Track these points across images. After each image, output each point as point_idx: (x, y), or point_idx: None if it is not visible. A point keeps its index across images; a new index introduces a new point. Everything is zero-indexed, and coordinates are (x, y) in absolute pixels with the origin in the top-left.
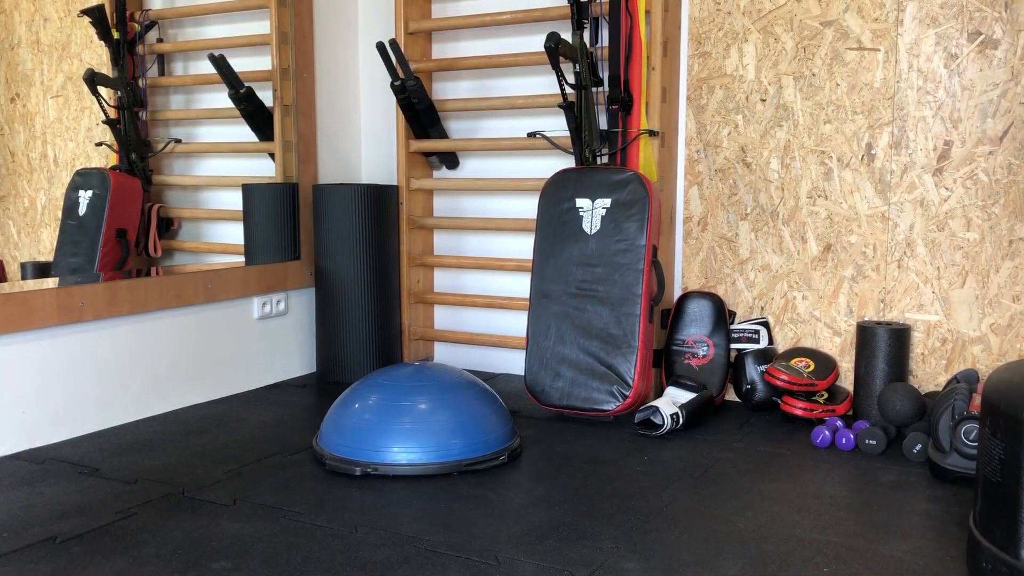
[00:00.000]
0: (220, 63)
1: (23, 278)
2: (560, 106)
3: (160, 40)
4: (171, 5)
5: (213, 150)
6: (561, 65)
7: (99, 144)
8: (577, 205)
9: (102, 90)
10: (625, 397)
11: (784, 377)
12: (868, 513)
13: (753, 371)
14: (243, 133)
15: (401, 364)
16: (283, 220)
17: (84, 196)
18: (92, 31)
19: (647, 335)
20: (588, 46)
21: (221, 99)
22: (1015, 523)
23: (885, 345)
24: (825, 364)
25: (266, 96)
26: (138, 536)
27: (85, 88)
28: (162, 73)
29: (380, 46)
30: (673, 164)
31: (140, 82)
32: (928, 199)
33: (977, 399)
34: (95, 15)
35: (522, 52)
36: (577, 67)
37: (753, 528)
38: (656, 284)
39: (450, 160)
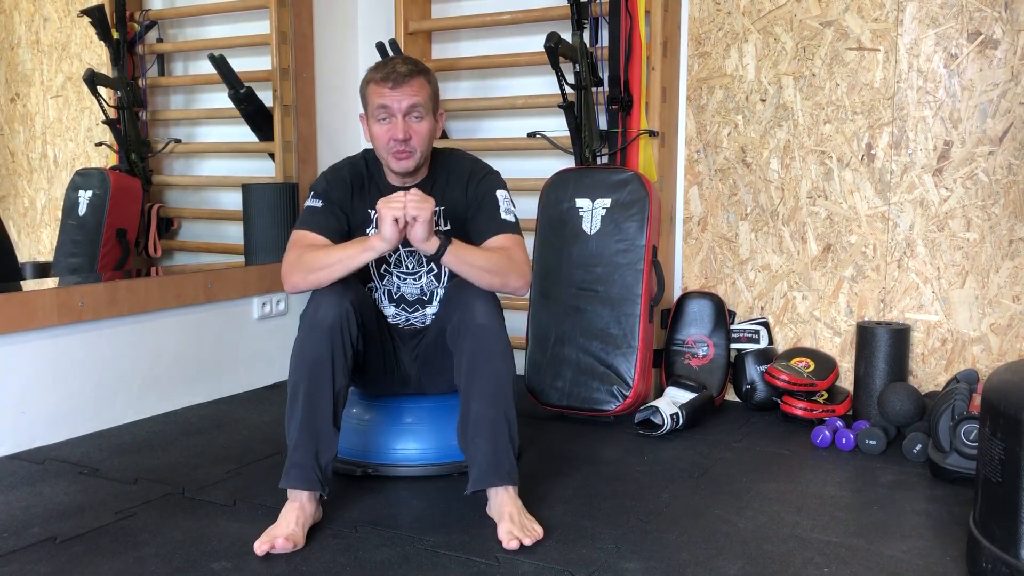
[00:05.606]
0: (220, 63)
1: (23, 278)
2: (560, 106)
3: (160, 40)
4: (171, 5)
5: (213, 150)
6: (561, 65)
7: (99, 144)
8: (577, 205)
9: (102, 90)
10: (625, 397)
11: (784, 377)
12: (868, 513)
13: (753, 371)
14: (243, 133)
15: None
16: (283, 220)
17: (84, 196)
18: (92, 31)
19: (647, 335)
20: (588, 46)
21: (221, 99)
22: (1015, 523)
23: (885, 345)
24: (825, 364)
25: (266, 96)
26: (138, 536)
27: (85, 88)
28: (162, 73)
29: (380, 46)
30: (673, 164)
31: (140, 82)
32: (928, 199)
33: (977, 399)
34: (95, 15)
35: (522, 52)
36: (577, 67)
37: (753, 528)
38: (656, 284)
39: None
